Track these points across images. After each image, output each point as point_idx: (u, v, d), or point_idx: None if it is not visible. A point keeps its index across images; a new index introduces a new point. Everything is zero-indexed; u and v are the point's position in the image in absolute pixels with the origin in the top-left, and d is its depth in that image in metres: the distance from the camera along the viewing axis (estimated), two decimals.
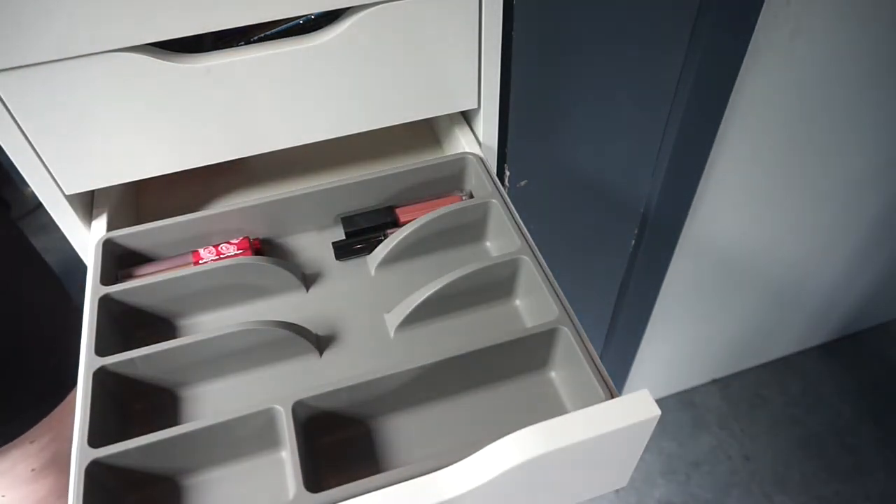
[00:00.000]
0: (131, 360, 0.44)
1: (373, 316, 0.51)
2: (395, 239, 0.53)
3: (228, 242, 0.53)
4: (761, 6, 0.67)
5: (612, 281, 0.97)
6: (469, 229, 0.54)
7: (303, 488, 0.38)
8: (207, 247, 0.53)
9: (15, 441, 0.64)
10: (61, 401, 0.67)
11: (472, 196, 0.57)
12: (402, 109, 0.54)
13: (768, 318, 1.32)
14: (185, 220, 0.52)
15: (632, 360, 1.23)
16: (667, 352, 1.27)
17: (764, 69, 0.76)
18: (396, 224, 0.55)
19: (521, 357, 0.46)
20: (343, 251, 0.54)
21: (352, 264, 0.54)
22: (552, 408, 0.46)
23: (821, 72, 0.81)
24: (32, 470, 0.67)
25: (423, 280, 0.50)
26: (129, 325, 0.49)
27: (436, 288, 0.48)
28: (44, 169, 0.48)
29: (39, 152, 0.47)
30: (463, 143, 0.59)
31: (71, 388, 0.68)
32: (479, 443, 0.36)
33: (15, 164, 0.47)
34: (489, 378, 0.46)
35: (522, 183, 0.71)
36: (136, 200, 0.61)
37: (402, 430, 0.45)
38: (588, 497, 0.43)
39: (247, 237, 0.54)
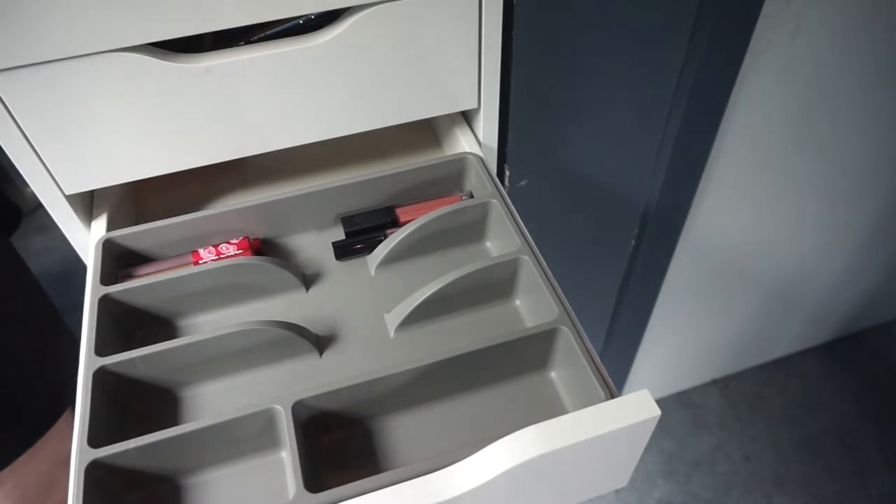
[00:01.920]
0: (131, 360, 0.44)
1: (373, 316, 0.51)
2: (395, 239, 0.53)
3: (228, 242, 0.53)
4: (761, 6, 0.67)
5: (612, 281, 0.97)
6: (469, 229, 0.54)
7: (303, 488, 0.38)
8: (207, 247, 0.53)
9: None
10: (30, 446, 0.65)
11: (472, 196, 0.57)
12: (402, 109, 0.54)
13: (768, 318, 1.32)
14: (185, 220, 0.52)
15: (632, 360, 1.23)
16: (667, 352, 1.27)
17: (764, 69, 0.76)
18: (396, 224, 0.55)
19: (521, 357, 0.46)
20: (343, 251, 0.54)
21: (352, 264, 0.54)
22: (552, 408, 0.46)
23: (821, 71, 0.81)
24: None
25: (423, 280, 0.50)
26: (129, 325, 0.49)
27: (436, 288, 0.48)
28: (44, 169, 0.48)
29: (39, 152, 0.47)
30: (463, 143, 0.59)
31: (43, 433, 0.66)
32: (479, 443, 0.37)
33: (15, 164, 0.47)
34: (489, 378, 0.46)
35: (522, 183, 0.71)
36: (136, 200, 0.61)
37: (402, 430, 0.45)
38: (588, 497, 0.43)
39: (247, 237, 0.54)
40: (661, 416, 0.37)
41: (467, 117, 0.61)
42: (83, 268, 0.52)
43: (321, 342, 0.49)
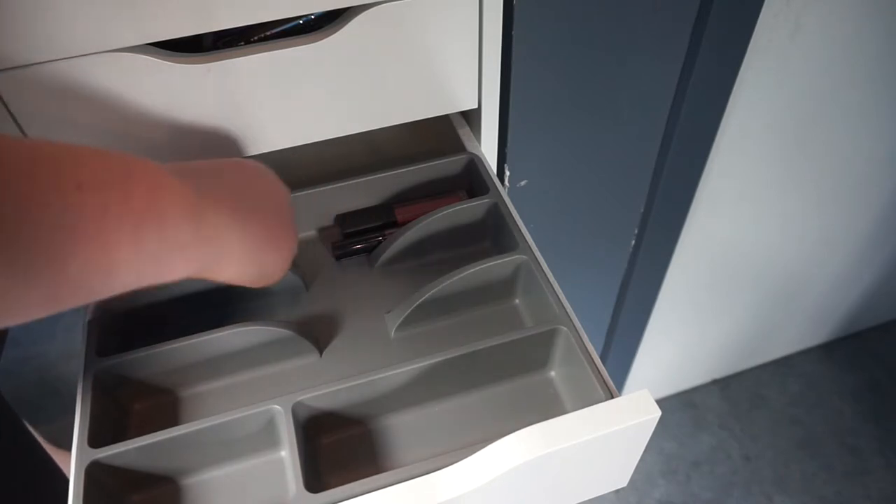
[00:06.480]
0: (131, 360, 0.44)
1: (373, 316, 0.51)
2: (395, 239, 0.53)
3: None
4: (761, 6, 0.67)
5: (612, 281, 0.97)
6: (469, 229, 0.54)
7: (303, 488, 0.38)
8: None
9: None
10: None
11: (472, 196, 0.57)
12: (403, 109, 0.54)
13: (768, 318, 1.32)
14: None
15: (632, 360, 1.23)
16: (667, 352, 1.27)
17: (764, 69, 0.76)
18: (396, 224, 0.55)
19: (521, 357, 0.46)
20: (343, 251, 0.54)
21: (352, 264, 0.54)
22: (552, 408, 0.46)
23: (821, 72, 0.81)
24: None
25: (423, 280, 0.50)
26: (129, 324, 0.49)
27: (436, 288, 0.48)
28: None
29: None
30: (463, 142, 0.59)
31: None
32: (479, 443, 0.37)
33: None
34: (489, 378, 0.46)
35: (522, 183, 0.71)
36: None
37: (402, 430, 0.45)
38: (588, 497, 0.43)
39: None
40: (661, 416, 0.37)
41: (467, 117, 0.61)
42: None
43: (321, 342, 0.49)
